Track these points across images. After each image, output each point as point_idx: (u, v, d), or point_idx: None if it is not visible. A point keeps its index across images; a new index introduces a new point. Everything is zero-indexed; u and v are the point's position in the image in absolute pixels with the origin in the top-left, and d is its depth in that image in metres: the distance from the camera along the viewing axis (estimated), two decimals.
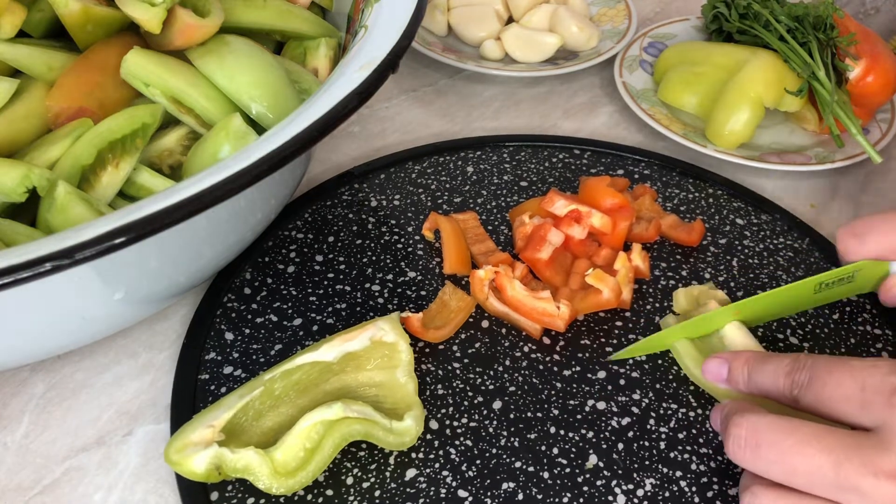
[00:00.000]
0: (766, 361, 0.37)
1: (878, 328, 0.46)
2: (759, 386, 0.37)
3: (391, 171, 0.56)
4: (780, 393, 0.36)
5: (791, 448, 0.32)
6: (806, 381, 0.35)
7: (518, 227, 0.50)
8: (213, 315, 0.46)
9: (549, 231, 0.48)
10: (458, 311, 0.46)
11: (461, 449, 0.40)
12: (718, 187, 0.56)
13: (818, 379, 0.34)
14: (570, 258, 0.49)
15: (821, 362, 0.35)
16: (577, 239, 0.49)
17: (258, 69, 0.44)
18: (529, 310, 0.45)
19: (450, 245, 0.49)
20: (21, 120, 0.42)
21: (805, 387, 0.35)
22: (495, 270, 0.46)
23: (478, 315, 0.46)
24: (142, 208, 0.31)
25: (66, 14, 0.43)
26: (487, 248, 0.50)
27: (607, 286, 0.45)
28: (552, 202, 0.49)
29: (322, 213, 0.52)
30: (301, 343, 0.44)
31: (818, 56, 0.59)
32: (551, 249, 0.48)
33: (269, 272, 0.48)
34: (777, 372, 0.36)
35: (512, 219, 0.52)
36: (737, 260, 0.50)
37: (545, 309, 0.45)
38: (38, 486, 0.39)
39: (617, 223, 0.49)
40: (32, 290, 0.31)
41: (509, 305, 0.46)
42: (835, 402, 0.33)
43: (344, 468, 0.38)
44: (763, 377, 0.37)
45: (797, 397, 0.35)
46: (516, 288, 0.45)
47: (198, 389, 0.42)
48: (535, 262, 0.48)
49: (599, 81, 0.69)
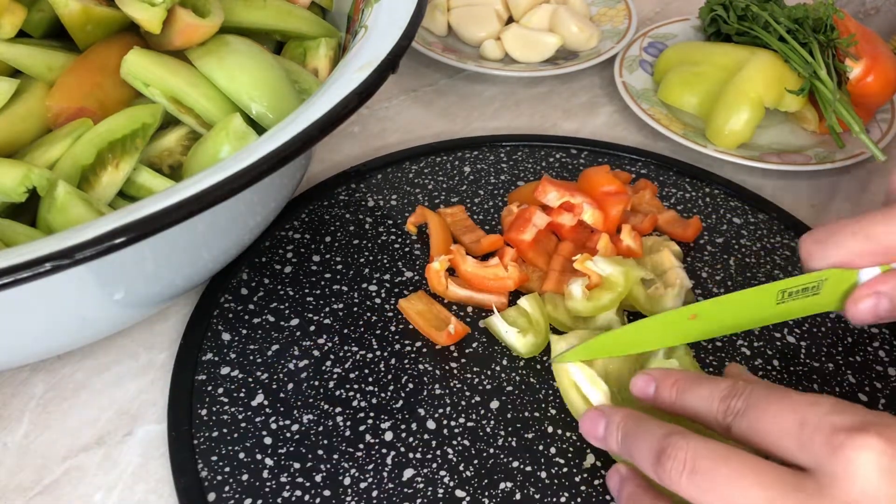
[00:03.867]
0: (701, 383, 0.35)
1: (875, 326, 0.46)
2: (688, 407, 0.35)
3: (388, 171, 0.56)
4: (711, 417, 0.34)
5: (726, 477, 0.30)
6: (742, 408, 0.32)
7: (506, 217, 0.51)
8: (210, 316, 0.46)
9: (534, 214, 0.48)
10: None
11: (458, 449, 0.40)
12: (716, 187, 0.56)
13: (756, 408, 0.32)
14: (554, 241, 0.50)
15: (760, 391, 0.33)
16: (568, 227, 0.49)
17: (258, 69, 0.44)
18: (482, 279, 0.46)
19: (435, 238, 0.49)
20: (21, 120, 0.42)
21: (740, 414, 0.33)
22: (448, 259, 0.47)
23: (475, 315, 0.46)
24: (142, 208, 0.31)
25: (66, 14, 0.43)
26: (477, 237, 0.50)
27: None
28: (545, 192, 0.49)
29: (319, 214, 0.52)
30: (298, 343, 0.44)
31: (819, 55, 0.59)
32: (535, 231, 0.48)
33: (265, 272, 0.48)
34: (712, 395, 0.34)
35: (510, 202, 0.53)
36: (734, 259, 0.50)
37: (495, 273, 0.46)
38: (39, 486, 0.39)
39: (610, 209, 0.49)
40: (32, 290, 0.31)
41: (467, 283, 0.46)
42: (771, 436, 0.31)
43: (341, 468, 0.39)
44: (695, 399, 0.35)
45: (730, 425, 0.33)
46: (468, 262, 0.46)
47: (195, 390, 0.42)
48: (518, 244, 0.48)
49: (599, 81, 0.69)
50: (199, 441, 0.40)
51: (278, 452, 0.39)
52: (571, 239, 0.49)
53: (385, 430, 0.40)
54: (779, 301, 0.39)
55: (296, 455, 0.39)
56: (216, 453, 0.39)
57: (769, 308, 0.39)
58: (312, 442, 0.40)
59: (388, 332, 0.45)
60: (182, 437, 0.40)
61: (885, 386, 0.43)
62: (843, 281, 0.37)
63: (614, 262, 0.44)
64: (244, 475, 0.38)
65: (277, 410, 0.41)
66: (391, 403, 0.41)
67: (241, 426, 0.40)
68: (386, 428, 0.40)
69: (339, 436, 0.40)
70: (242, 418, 0.41)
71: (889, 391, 0.43)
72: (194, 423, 0.40)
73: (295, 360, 0.43)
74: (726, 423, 0.33)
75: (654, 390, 0.37)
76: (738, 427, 0.33)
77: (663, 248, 0.48)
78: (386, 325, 0.45)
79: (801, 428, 0.30)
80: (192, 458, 0.39)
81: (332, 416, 0.41)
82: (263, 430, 0.40)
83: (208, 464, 0.39)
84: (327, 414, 0.41)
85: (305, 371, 0.43)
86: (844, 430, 0.29)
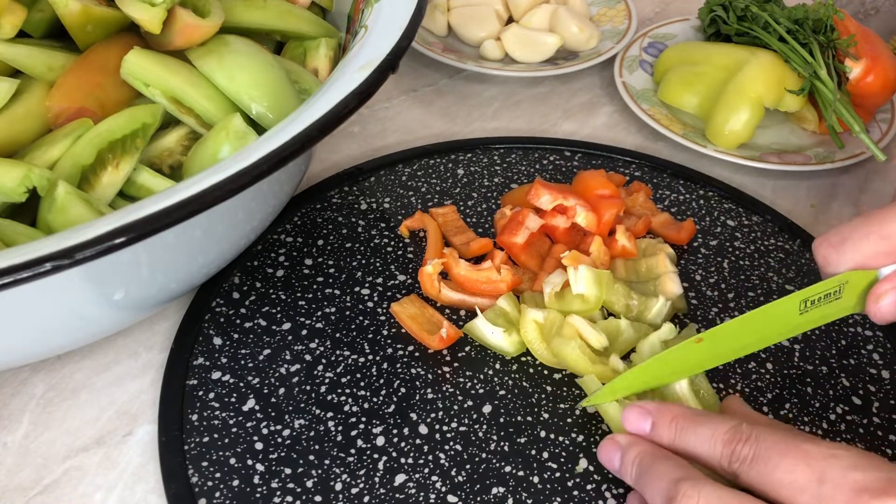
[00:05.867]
0: (700, 423, 0.34)
1: (869, 329, 0.46)
2: (689, 448, 0.34)
3: (381, 173, 0.55)
4: (716, 462, 0.33)
5: None
6: (750, 456, 0.31)
7: (499, 220, 0.51)
8: (202, 320, 0.45)
9: (527, 217, 0.48)
10: None
11: (451, 454, 0.39)
12: (710, 189, 0.56)
13: (766, 459, 0.31)
14: (547, 244, 0.50)
15: (768, 439, 0.31)
16: (562, 229, 0.49)
17: (258, 69, 0.44)
18: (475, 283, 0.46)
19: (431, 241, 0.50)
20: (21, 120, 0.42)
21: (748, 462, 0.31)
22: (442, 262, 0.46)
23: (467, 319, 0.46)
24: (142, 208, 0.31)
25: (66, 14, 0.43)
26: (468, 238, 0.50)
27: None
28: (538, 196, 0.49)
29: (311, 217, 0.52)
30: (290, 348, 0.44)
31: (819, 56, 0.59)
32: (527, 234, 0.48)
33: (257, 276, 0.48)
34: (714, 438, 0.33)
35: (503, 205, 0.53)
36: (728, 261, 0.50)
37: (488, 277, 0.46)
38: (39, 486, 0.39)
39: (603, 213, 0.49)
40: (32, 290, 0.31)
41: (460, 287, 0.46)
42: (785, 489, 0.30)
43: (333, 474, 0.38)
44: (696, 440, 0.34)
45: (737, 472, 0.32)
46: (461, 265, 0.46)
47: (186, 395, 0.41)
48: (511, 247, 0.48)
49: (599, 81, 0.69)
50: (189, 446, 0.39)
51: (269, 458, 0.39)
52: (565, 241, 0.49)
53: (377, 435, 0.40)
54: (801, 311, 0.38)
55: (287, 460, 0.39)
56: (207, 459, 0.39)
57: (792, 320, 0.38)
58: (304, 447, 0.39)
59: (380, 337, 0.45)
60: (173, 443, 0.39)
61: (878, 389, 0.43)
62: (863, 281, 0.37)
63: (594, 281, 0.44)
64: (235, 481, 0.38)
65: (269, 415, 0.41)
66: (383, 408, 0.41)
67: (233, 431, 0.40)
68: (378, 433, 0.40)
69: (330, 441, 0.40)
70: (234, 423, 0.40)
71: (883, 394, 0.43)
72: (185, 429, 0.40)
73: (287, 365, 0.43)
74: (732, 470, 0.32)
75: (650, 427, 0.35)
76: (748, 476, 0.31)
77: (658, 251, 0.48)
78: (378, 329, 0.45)
79: (820, 484, 0.29)
80: (183, 463, 0.38)
81: (324, 420, 0.41)
82: (255, 435, 0.40)
83: (199, 469, 0.38)
84: (319, 419, 0.41)
85: (297, 376, 0.43)
86: (868, 491, 0.28)
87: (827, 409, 0.42)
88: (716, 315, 0.47)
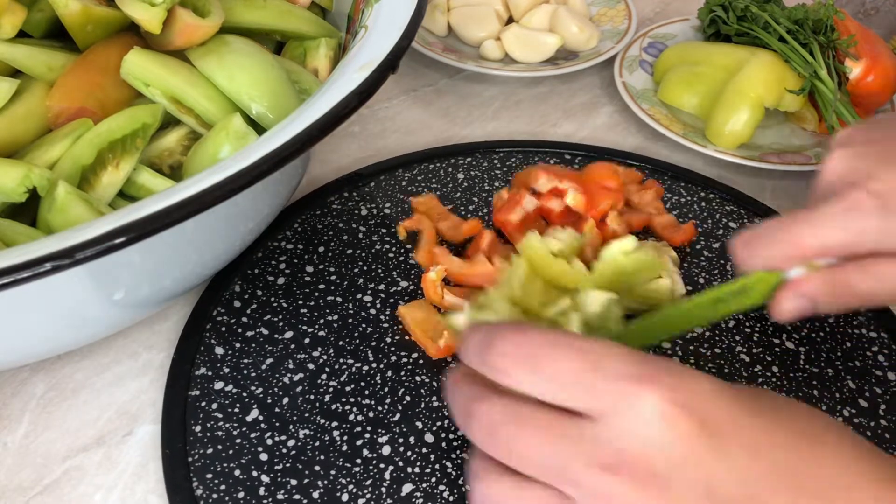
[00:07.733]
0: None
1: (874, 331, 0.46)
2: None
3: (381, 178, 0.55)
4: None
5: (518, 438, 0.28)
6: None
7: (497, 201, 0.52)
8: (203, 330, 0.45)
9: (525, 197, 0.49)
10: None
11: (458, 462, 0.39)
12: (711, 191, 0.55)
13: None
14: (543, 226, 0.50)
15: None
16: (556, 212, 0.50)
17: (258, 69, 0.44)
18: (469, 277, 0.46)
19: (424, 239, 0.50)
20: (21, 120, 0.42)
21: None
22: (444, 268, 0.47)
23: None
24: (142, 208, 0.31)
25: (66, 14, 0.43)
26: (453, 223, 0.51)
27: None
28: (536, 178, 0.50)
29: (312, 223, 0.51)
30: (293, 356, 0.43)
31: (819, 55, 0.59)
32: (522, 213, 0.49)
33: (258, 284, 0.47)
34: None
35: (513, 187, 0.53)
36: (731, 264, 0.50)
37: (482, 270, 0.46)
38: (39, 486, 0.39)
39: (598, 201, 0.49)
40: (32, 290, 0.31)
41: (457, 281, 0.47)
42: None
43: (339, 484, 0.38)
44: None
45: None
46: (454, 263, 0.47)
47: (188, 406, 0.41)
48: (505, 225, 0.49)
49: (599, 82, 0.69)
50: (193, 458, 0.39)
51: (274, 469, 0.38)
52: (560, 224, 0.50)
53: (383, 445, 0.39)
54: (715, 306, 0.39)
55: (292, 471, 0.38)
56: (211, 471, 0.38)
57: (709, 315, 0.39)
58: (309, 457, 0.39)
59: (383, 344, 0.44)
60: (176, 455, 0.39)
61: (885, 391, 0.43)
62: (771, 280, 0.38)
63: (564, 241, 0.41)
64: (240, 493, 0.37)
65: (273, 426, 0.40)
66: (388, 417, 0.41)
67: (237, 442, 0.39)
68: (383, 442, 0.40)
69: (335, 451, 0.39)
70: (237, 434, 0.40)
71: (889, 396, 0.43)
72: (188, 440, 0.39)
73: (290, 374, 0.43)
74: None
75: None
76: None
77: (662, 254, 0.47)
78: (381, 336, 0.45)
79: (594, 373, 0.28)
80: (187, 475, 0.38)
81: (329, 430, 0.40)
82: (259, 445, 0.39)
83: (203, 482, 0.38)
84: (323, 428, 0.40)
85: (301, 385, 0.42)
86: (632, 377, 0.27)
87: (834, 413, 0.42)
88: None
